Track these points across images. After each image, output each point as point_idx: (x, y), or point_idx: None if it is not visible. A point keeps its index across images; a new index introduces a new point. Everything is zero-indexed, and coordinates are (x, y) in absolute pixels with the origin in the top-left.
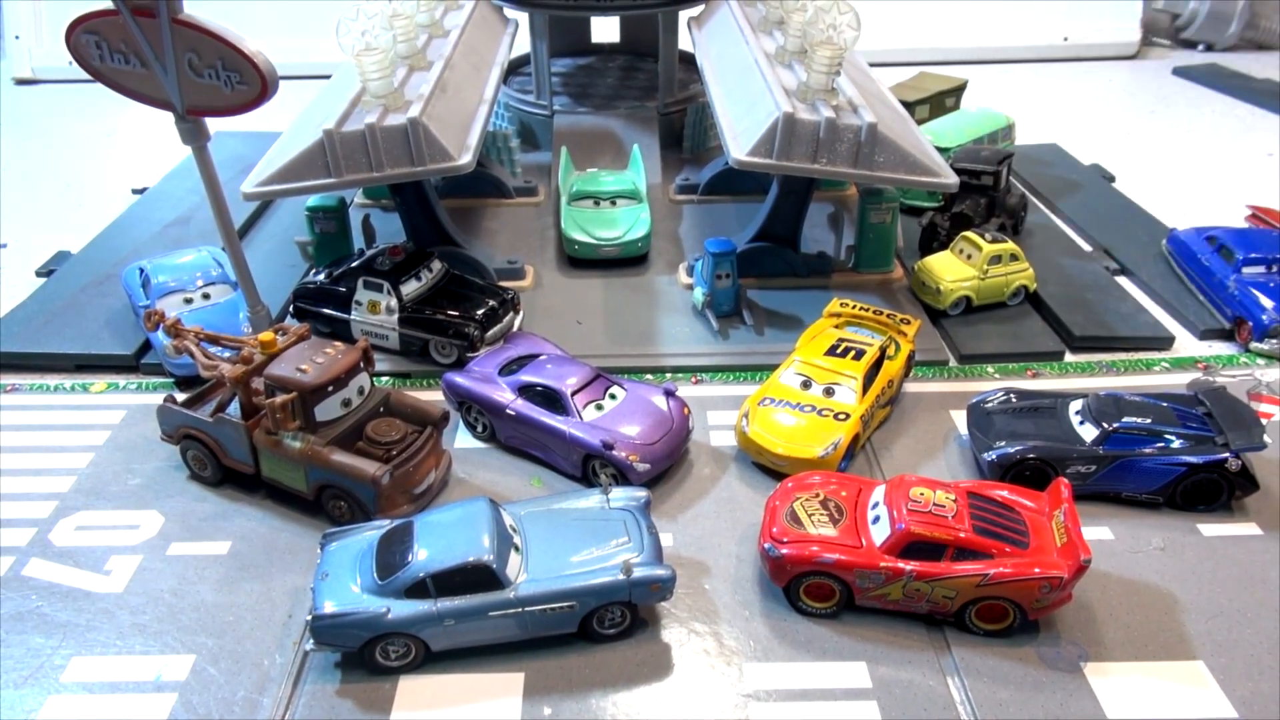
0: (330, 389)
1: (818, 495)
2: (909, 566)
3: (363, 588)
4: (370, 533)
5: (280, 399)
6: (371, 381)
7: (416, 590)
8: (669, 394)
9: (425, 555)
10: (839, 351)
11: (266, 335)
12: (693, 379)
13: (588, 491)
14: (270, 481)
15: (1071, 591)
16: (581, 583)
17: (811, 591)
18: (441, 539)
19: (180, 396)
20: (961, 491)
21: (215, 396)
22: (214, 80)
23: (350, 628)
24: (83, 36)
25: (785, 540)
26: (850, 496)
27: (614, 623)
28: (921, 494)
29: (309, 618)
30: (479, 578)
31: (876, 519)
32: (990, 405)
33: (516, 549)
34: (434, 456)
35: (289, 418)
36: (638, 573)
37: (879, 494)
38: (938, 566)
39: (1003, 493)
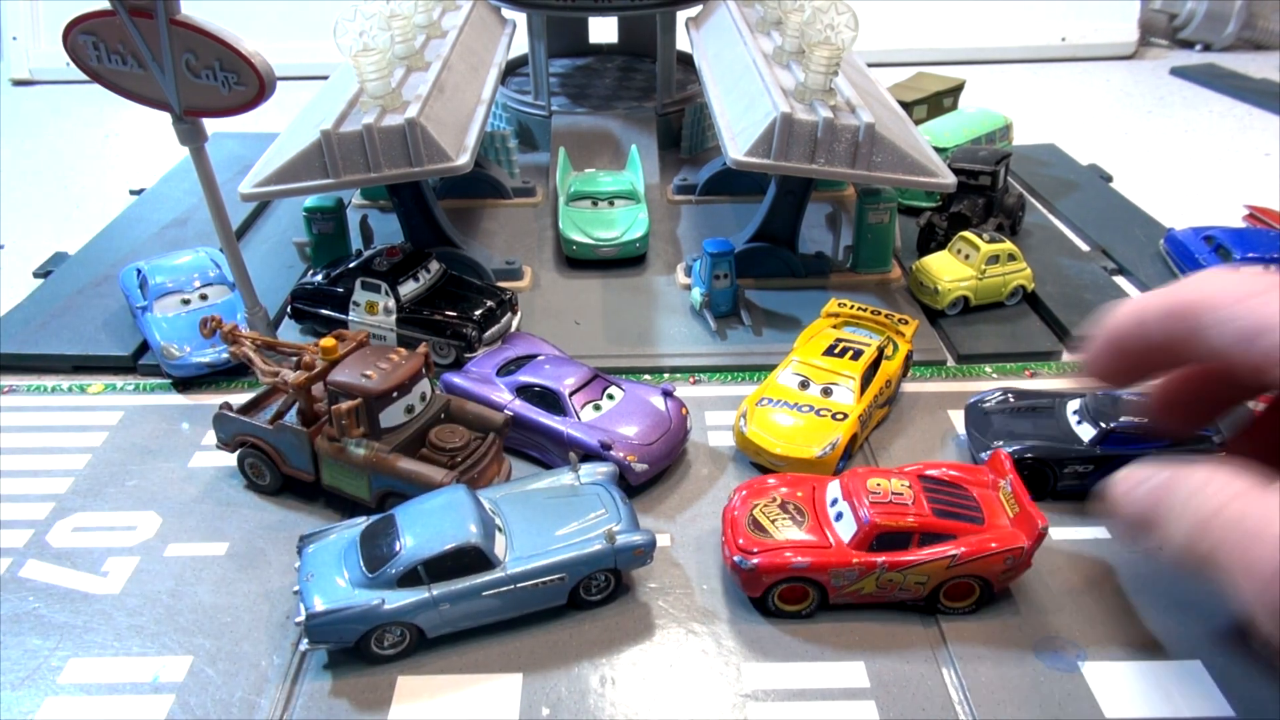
0: (395, 395)
1: (775, 500)
2: (881, 559)
3: (351, 583)
4: (347, 531)
5: (346, 405)
6: (432, 388)
7: (409, 579)
8: (667, 394)
9: (414, 544)
10: (837, 351)
11: (328, 341)
12: (691, 379)
13: (557, 471)
14: (330, 489)
15: (1031, 559)
16: (569, 554)
17: (784, 596)
18: (427, 527)
19: (236, 403)
20: (913, 476)
21: (271, 403)
22: (211, 81)
23: (346, 623)
24: (80, 37)
25: (756, 551)
26: (807, 496)
27: (599, 588)
28: (879, 485)
29: (299, 620)
30: (470, 560)
31: (839, 515)
32: (988, 405)
33: (500, 530)
34: (497, 463)
35: (354, 424)
36: (621, 539)
37: (835, 490)
38: (907, 554)
39: (950, 472)
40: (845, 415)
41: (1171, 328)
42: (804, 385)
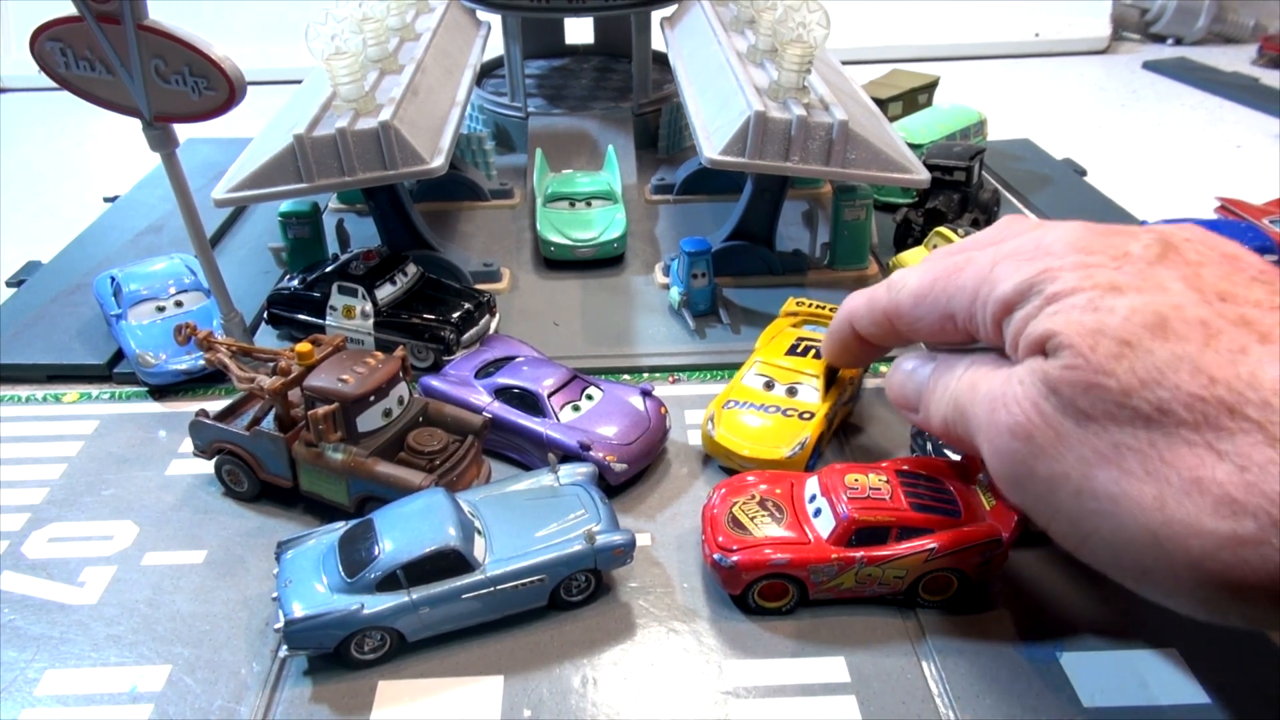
0: (372, 399)
1: (754, 497)
2: (859, 554)
3: (330, 587)
4: (325, 536)
5: (322, 410)
6: (410, 391)
7: (388, 583)
8: (646, 394)
9: (393, 548)
10: (799, 350)
11: (304, 346)
12: (670, 379)
13: (536, 472)
14: (309, 495)
15: (1008, 552)
16: (549, 555)
17: (764, 593)
18: (406, 531)
19: (213, 410)
20: (890, 471)
21: (248, 410)
22: (181, 86)
23: (325, 628)
24: (47, 44)
25: (735, 548)
26: (785, 493)
27: (580, 588)
28: (856, 480)
29: (278, 627)
30: (449, 563)
31: (818, 511)
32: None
33: (479, 532)
34: (475, 465)
35: (331, 429)
36: (601, 539)
37: (814, 486)
38: (886, 549)
39: (927, 466)
40: (812, 414)
41: (878, 331)
42: (769, 386)
